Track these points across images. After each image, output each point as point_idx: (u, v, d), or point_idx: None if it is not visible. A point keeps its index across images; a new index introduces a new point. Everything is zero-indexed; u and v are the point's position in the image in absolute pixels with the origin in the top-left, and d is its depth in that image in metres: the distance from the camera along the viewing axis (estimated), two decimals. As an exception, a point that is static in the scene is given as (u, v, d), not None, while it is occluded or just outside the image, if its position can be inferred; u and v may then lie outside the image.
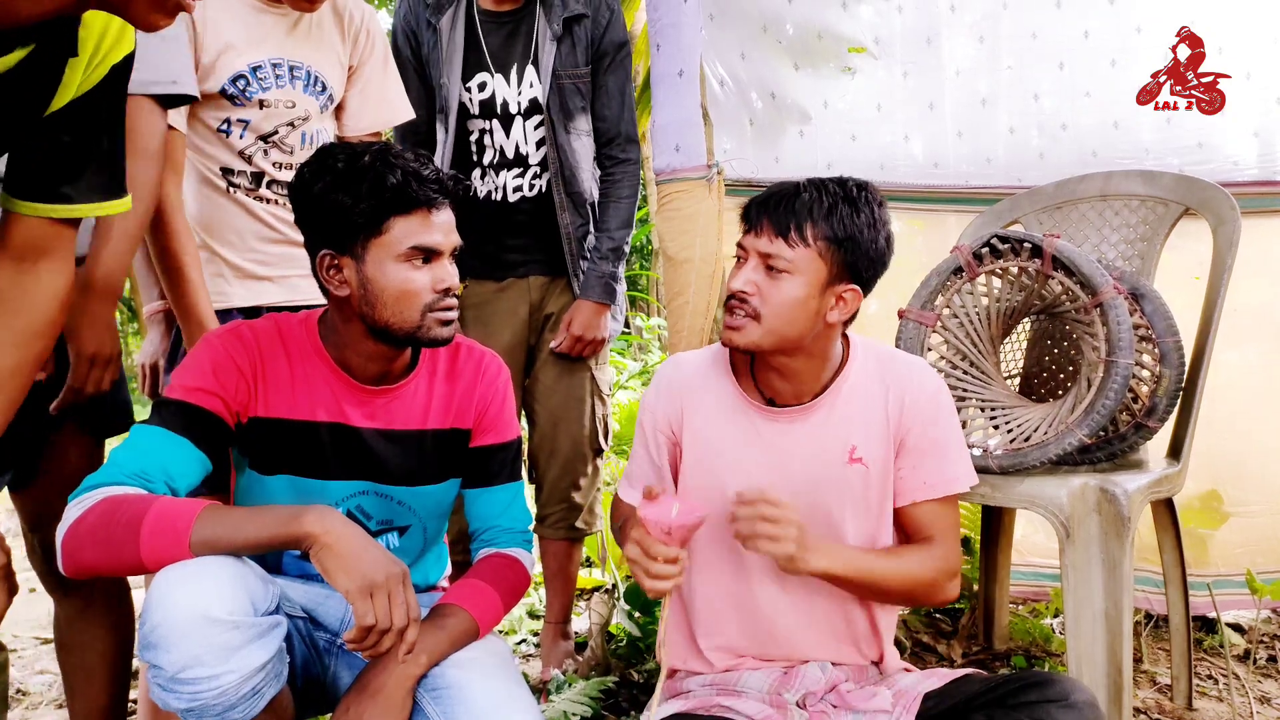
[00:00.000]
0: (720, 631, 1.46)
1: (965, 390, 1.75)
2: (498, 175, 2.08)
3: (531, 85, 2.04)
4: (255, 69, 1.66)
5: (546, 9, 2.00)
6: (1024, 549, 2.40)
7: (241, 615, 1.09)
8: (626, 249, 2.12)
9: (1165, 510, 1.88)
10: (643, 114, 3.04)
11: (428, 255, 1.30)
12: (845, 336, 1.46)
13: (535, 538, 1.75)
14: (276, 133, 1.71)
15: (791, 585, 1.42)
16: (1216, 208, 1.85)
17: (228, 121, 1.68)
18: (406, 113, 1.94)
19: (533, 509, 1.85)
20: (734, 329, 1.35)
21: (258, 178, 1.71)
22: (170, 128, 1.56)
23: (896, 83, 2.43)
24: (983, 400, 1.75)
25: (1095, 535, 1.53)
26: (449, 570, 1.63)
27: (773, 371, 1.41)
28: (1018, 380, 2.01)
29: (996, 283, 1.75)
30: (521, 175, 2.09)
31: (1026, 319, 1.94)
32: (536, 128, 2.06)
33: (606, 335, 2.14)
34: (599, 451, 2.23)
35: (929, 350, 1.76)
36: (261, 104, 1.68)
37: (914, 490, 1.42)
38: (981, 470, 1.65)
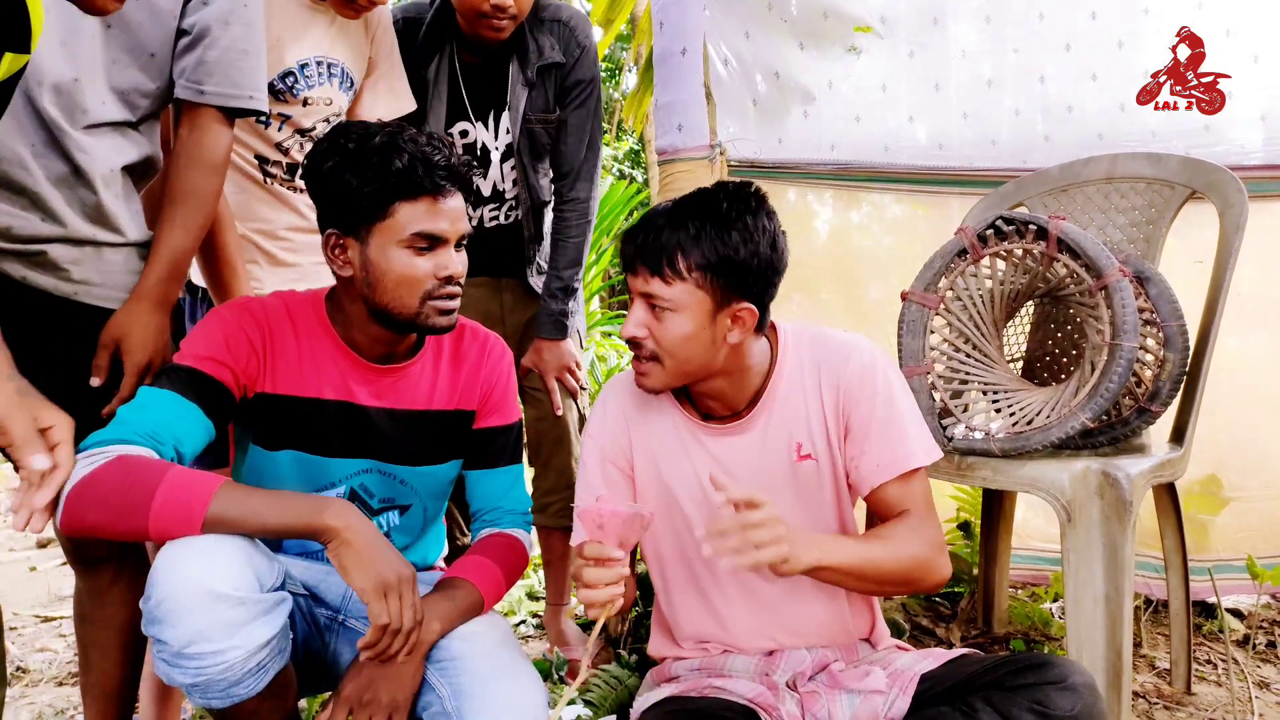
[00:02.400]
0: (697, 627, 1.45)
1: (968, 373, 1.74)
2: (475, 209, 2.13)
3: (507, 130, 2.07)
4: (303, 67, 1.69)
5: (521, 58, 2.02)
6: (1024, 533, 2.40)
7: (247, 591, 1.09)
8: (576, 285, 2.15)
9: (1167, 495, 1.88)
10: (645, 93, 3.02)
11: (432, 242, 1.29)
12: (774, 330, 1.43)
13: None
14: (314, 129, 1.75)
15: (777, 583, 1.40)
16: (1223, 191, 1.83)
17: (268, 115, 1.70)
18: (410, 103, 1.97)
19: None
20: (641, 374, 1.33)
21: (293, 169, 1.74)
22: None
23: (902, 63, 2.41)
24: (985, 383, 1.74)
25: (1097, 519, 1.53)
26: (445, 551, 1.63)
27: (700, 393, 1.40)
28: (1021, 364, 2.00)
29: (1001, 265, 1.74)
30: (498, 209, 2.14)
31: (1030, 302, 1.92)
32: (513, 168, 2.10)
33: (578, 360, 2.18)
34: None
35: (931, 333, 1.75)
36: (305, 101, 1.71)
37: (871, 474, 1.36)
38: (983, 453, 1.65)
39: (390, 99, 1.93)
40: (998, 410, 1.70)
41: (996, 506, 2.20)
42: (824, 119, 2.39)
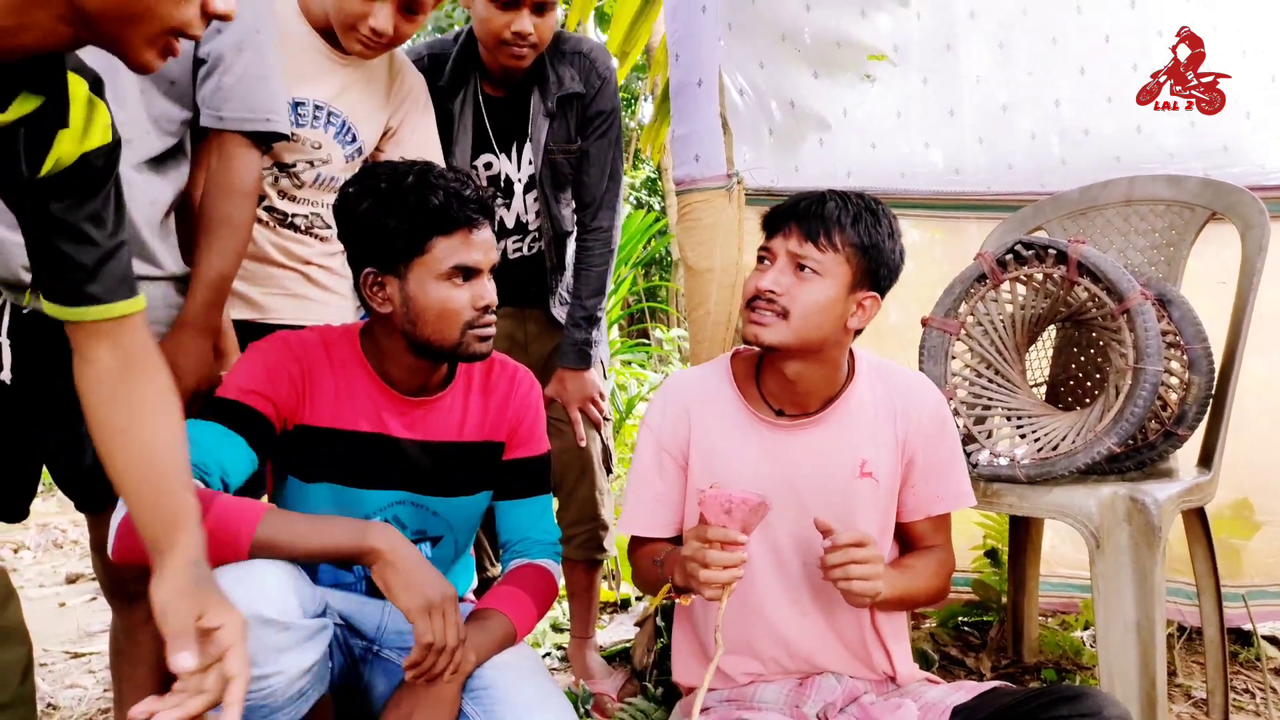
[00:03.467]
0: (733, 648, 1.44)
1: (991, 399, 1.73)
2: (499, 240, 2.15)
3: (530, 162, 2.10)
4: (298, 104, 1.68)
5: (542, 89, 2.05)
6: (1052, 560, 2.37)
7: (292, 616, 1.12)
8: (600, 315, 2.16)
9: (1197, 520, 1.85)
10: (662, 124, 3.05)
11: (468, 273, 1.33)
12: (850, 350, 1.47)
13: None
14: (295, 165, 1.73)
15: (805, 601, 1.42)
16: (1244, 212, 1.82)
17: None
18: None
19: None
20: (761, 325, 1.36)
21: (259, 198, 1.72)
22: None
23: (916, 90, 2.42)
24: (1009, 409, 1.73)
25: (1125, 546, 1.51)
26: (475, 583, 1.64)
27: (783, 380, 1.41)
28: (1044, 388, 1.99)
29: (1021, 290, 1.74)
30: (521, 240, 2.16)
31: (1052, 326, 1.91)
32: (536, 199, 2.12)
33: (601, 389, 2.19)
34: (609, 472, 2.28)
35: (953, 358, 1.75)
36: (290, 135, 1.69)
37: (927, 504, 1.46)
38: (1009, 480, 1.63)
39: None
40: (1022, 436, 1.69)
41: (1024, 533, 2.18)
42: (840, 146, 2.40)
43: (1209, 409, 1.74)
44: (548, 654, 2.46)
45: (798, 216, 1.37)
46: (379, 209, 1.30)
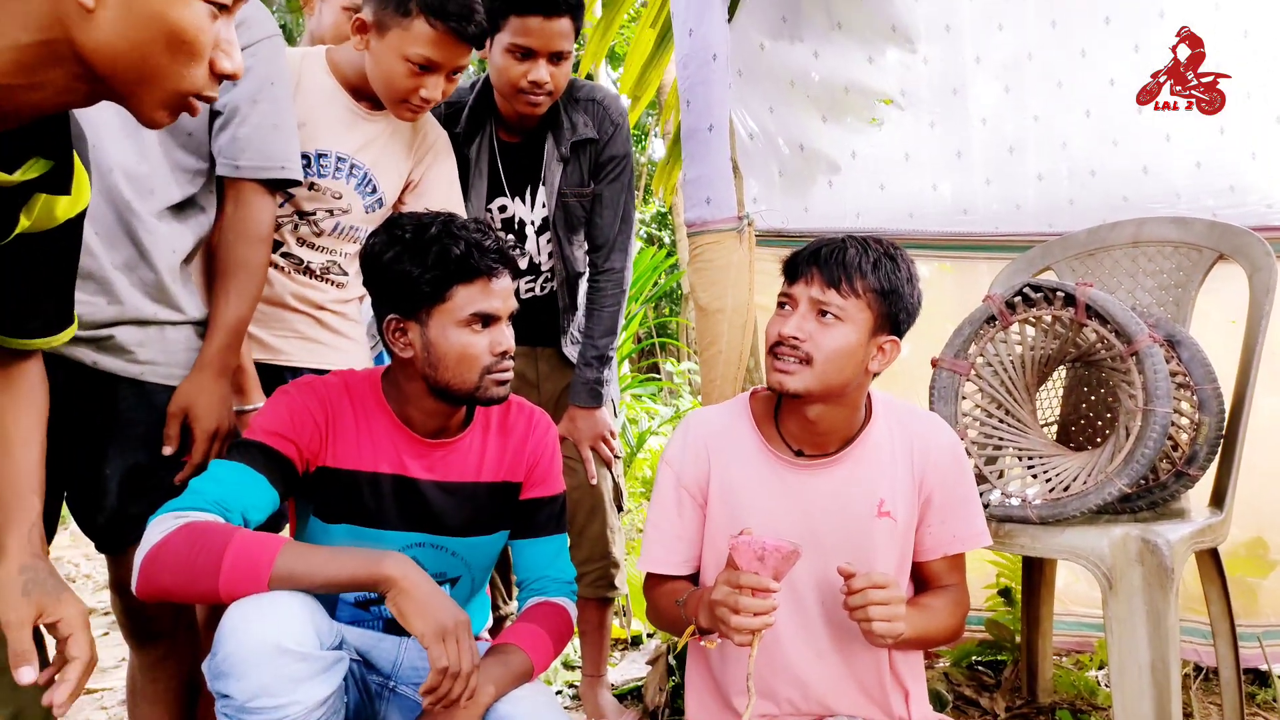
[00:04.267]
0: (745, 689, 1.45)
1: (1002, 439, 1.75)
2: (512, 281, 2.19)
3: (543, 205, 2.14)
4: (320, 156, 1.72)
5: (556, 135, 2.10)
6: (1066, 598, 2.36)
7: (309, 647, 1.14)
8: (611, 354, 2.19)
9: (1210, 560, 1.85)
10: (674, 166, 3.10)
11: (486, 320, 1.37)
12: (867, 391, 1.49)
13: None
14: (314, 214, 1.76)
15: (822, 642, 1.43)
16: (1250, 254, 1.84)
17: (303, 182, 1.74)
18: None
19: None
20: (786, 373, 1.38)
21: (275, 245, 1.75)
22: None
23: (924, 132, 2.45)
24: (1020, 449, 1.74)
25: (1138, 587, 1.51)
26: (490, 623, 1.66)
27: (804, 421, 1.43)
28: (1055, 428, 2.00)
29: (1030, 331, 1.76)
30: (534, 280, 2.20)
31: (1062, 366, 1.93)
32: (549, 241, 2.17)
33: (613, 428, 2.21)
34: (620, 510, 2.29)
35: (963, 399, 1.76)
36: (311, 185, 1.73)
37: (944, 544, 1.47)
38: (1021, 520, 1.64)
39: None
40: (1034, 476, 1.70)
41: (1037, 572, 2.17)
42: (849, 187, 2.43)
43: (1220, 449, 1.75)
44: (560, 691, 2.46)
45: (819, 263, 1.39)
46: (402, 257, 1.35)
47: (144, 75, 0.89)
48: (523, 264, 2.17)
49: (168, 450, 1.45)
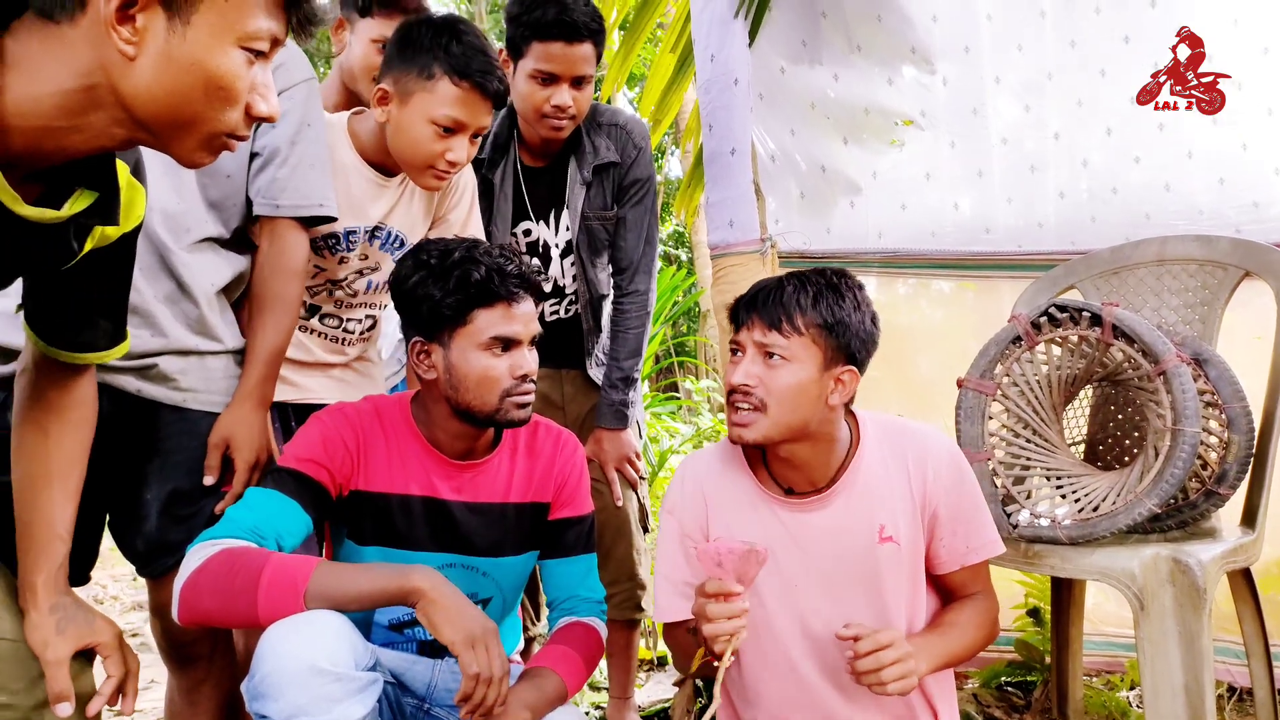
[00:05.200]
0: (768, 703, 1.46)
1: (1029, 459, 1.75)
2: (537, 303, 2.21)
3: (567, 228, 2.16)
4: (349, 233, 1.73)
5: (578, 158, 2.12)
6: (1096, 618, 2.34)
7: (345, 668, 1.16)
8: (636, 376, 2.21)
9: (1243, 580, 1.83)
10: (695, 188, 3.13)
11: (507, 344, 1.39)
12: (852, 415, 1.49)
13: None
14: (346, 279, 1.78)
15: (844, 676, 1.41)
16: (1276, 270, 1.84)
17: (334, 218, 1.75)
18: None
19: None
20: (742, 425, 1.38)
21: (313, 310, 1.77)
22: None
23: (944, 152, 2.47)
24: (1048, 469, 1.74)
25: (1170, 607, 1.51)
26: (521, 645, 1.67)
27: (782, 462, 1.44)
28: (1082, 447, 1.99)
29: (1056, 351, 1.76)
30: (558, 303, 2.22)
31: (1088, 386, 1.93)
32: (573, 264, 2.19)
33: (638, 449, 2.22)
34: (646, 530, 2.31)
35: (990, 419, 1.76)
36: (341, 259, 1.75)
37: (960, 556, 1.46)
38: (1050, 541, 1.64)
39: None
40: (1063, 496, 1.69)
41: (1066, 592, 2.16)
42: (870, 208, 2.45)
43: (1250, 467, 1.74)
44: (586, 713, 2.46)
45: (758, 306, 1.39)
46: (426, 281, 1.39)
47: (181, 120, 0.92)
48: (547, 287, 2.19)
49: (209, 480, 1.48)
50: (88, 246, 1.05)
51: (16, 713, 1.11)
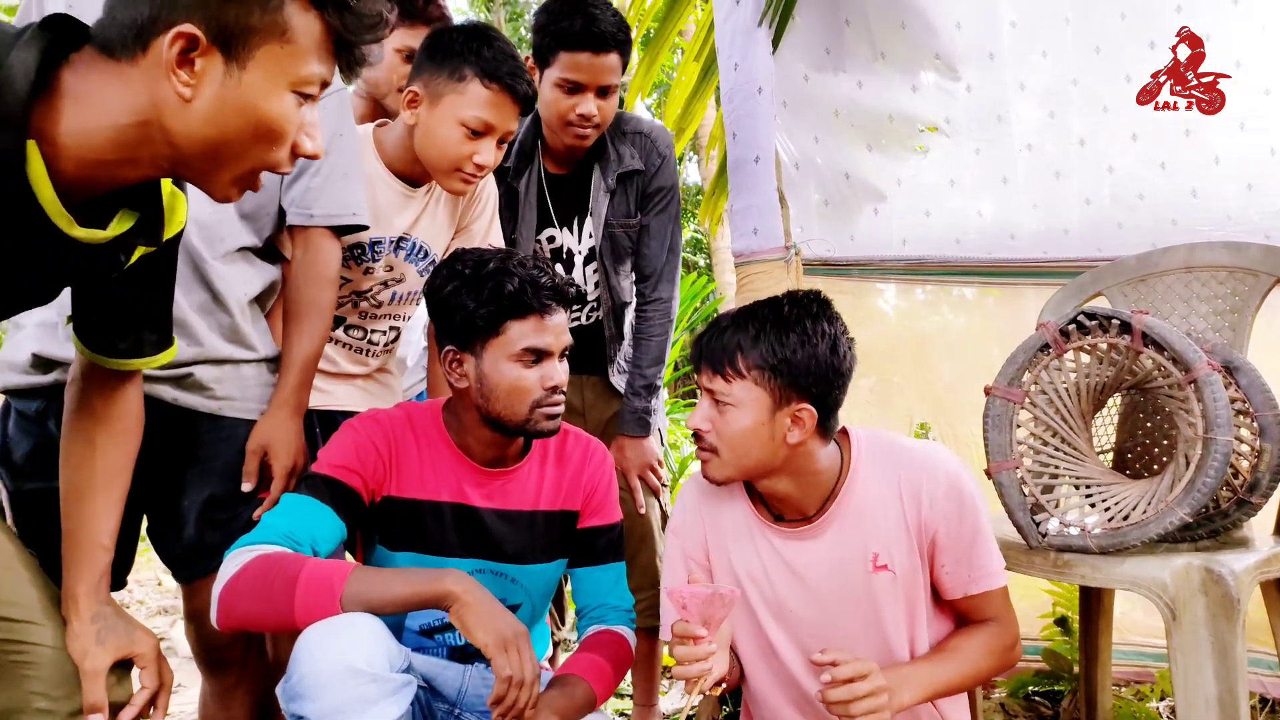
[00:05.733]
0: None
1: (1058, 468, 1.74)
2: None
3: (590, 235, 2.17)
4: (375, 244, 1.75)
5: (603, 166, 2.13)
6: (1123, 627, 2.32)
7: (380, 669, 1.17)
8: (659, 383, 2.22)
9: (1275, 590, 1.81)
10: (719, 196, 3.14)
11: (538, 355, 1.40)
12: (846, 436, 1.45)
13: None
14: (370, 290, 1.79)
15: None
16: (1309, 278, 1.82)
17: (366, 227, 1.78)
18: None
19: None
20: (704, 464, 1.39)
21: (338, 321, 1.78)
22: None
23: (969, 159, 2.47)
24: (1077, 478, 1.73)
25: (1203, 618, 1.49)
26: (550, 652, 1.68)
27: (765, 495, 1.43)
28: (1110, 455, 1.98)
29: (1085, 358, 1.75)
30: (580, 310, 2.24)
31: (1117, 394, 1.91)
32: (595, 271, 2.20)
33: (660, 455, 2.23)
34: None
35: (1018, 427, 1.76)
36: (367, 270, 1.77)
37: (963, 585, 1.41)
38: (1080, 550, 1.63)
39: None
40: (1092, 505, 1.68)
41: (1095, 601, 2.14)
42: (895, 215, 2.45)
43: (1283, 476, 1.72)
44: (611, 721, 2.46)
45: (702, 350, 1.37)
46: (460, 291, 1.40)
47: (225, 158, 0.95)
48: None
49: (247, 486, 1.50)
50: (133, 258, 1.08)
51: (55, 718, 1.13)
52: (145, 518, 1.55)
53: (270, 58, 0.92)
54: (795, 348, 1.32)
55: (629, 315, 2.27)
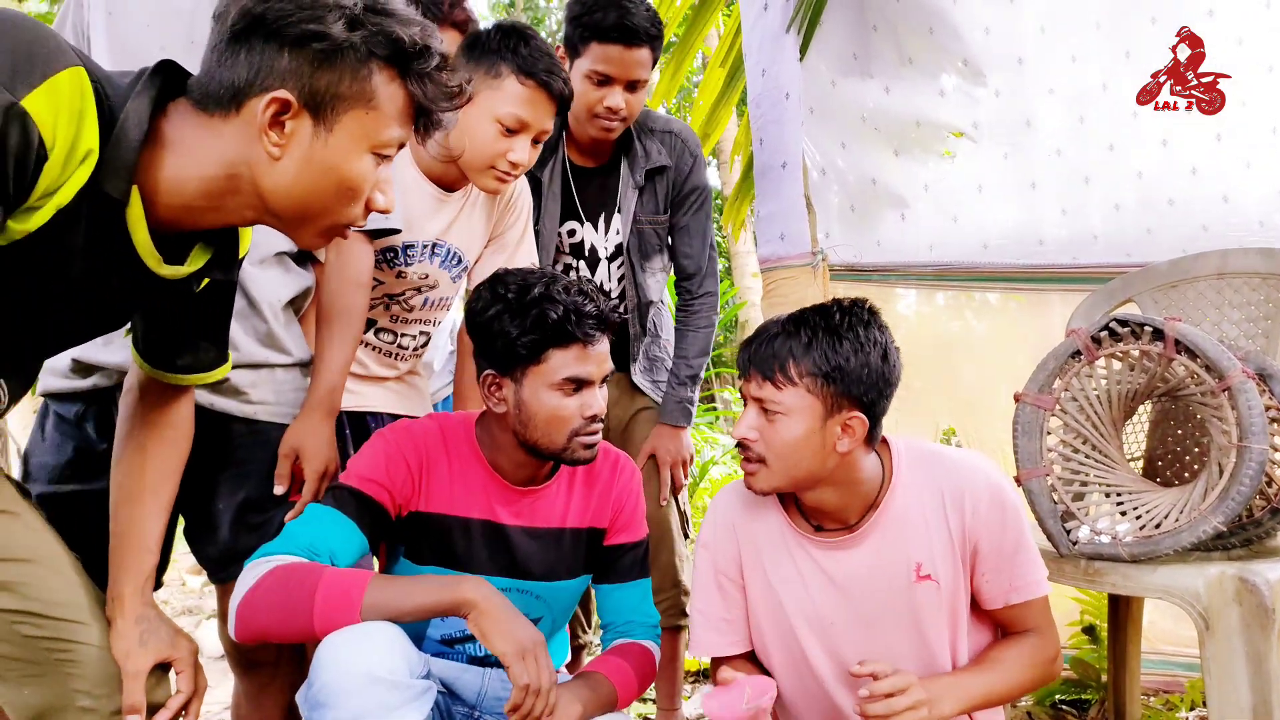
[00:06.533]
0: None
1: (1088, 475, 1.73)
2: None
3: (617, 232, 2.17)
4: (408, 247, 1.74)
5: (630, 162, 2.14)
6: (1152, 636, 2.30)
7: (400, 675, 1.17)
8: (702, 374, 2.23)
9: (1310, 599, 1.79)
10: (744, 203, 3.14)
11: (579, 384, 1.39)
12: (886, 444, 1.44)
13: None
14: (403, 294, 1.80)
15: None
16: (1344, 284, 1.80)
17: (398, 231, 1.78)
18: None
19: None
20: (750, 475, 1.37)
21: (369, 324, 1.78)
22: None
23: (996, 164, 2.46)
24: (1108, 485, 1.72)
25: (1237, 628, 1.48)
26: (569, 659, 1.68)
27: (808, 505, 1.41)
28: (1141, 463, 1.96)
29: (1116, 365, 1.74)
30: None
31: (1148, 401, 1.90)
32: (620, 268, 2.20)
33: (693, 452, 2.23)
34: (686, 536, 2.31)
35: (1048, 434, 1.75)
36: (399, 274, 1.76)
37: (1004, 594, 1.40)
38: (1111, 558, 1.62)
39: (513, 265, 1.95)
40: (1123, 513, 1.67)
41: (1124, 610, 2.12)
42: (921, 220, 2.44)
43: (1317, 485, 1.70)
44: (634, 725, 2.47)
45: (752, 356, 1.34)
46: (502, 316, 1.37)
47: (310, 213, 1.01)
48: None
49: (279, 489, 1.51)
50: (202, 285, 1.12)
51: (97, 716, 1.15)
52: (181, 519, 1.57)
53: (355, 122, 0.98)
54: (849, 355, 1.30)
55: (652, 313, 2.28)
